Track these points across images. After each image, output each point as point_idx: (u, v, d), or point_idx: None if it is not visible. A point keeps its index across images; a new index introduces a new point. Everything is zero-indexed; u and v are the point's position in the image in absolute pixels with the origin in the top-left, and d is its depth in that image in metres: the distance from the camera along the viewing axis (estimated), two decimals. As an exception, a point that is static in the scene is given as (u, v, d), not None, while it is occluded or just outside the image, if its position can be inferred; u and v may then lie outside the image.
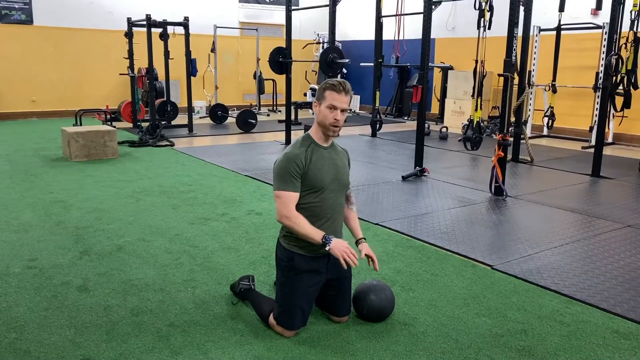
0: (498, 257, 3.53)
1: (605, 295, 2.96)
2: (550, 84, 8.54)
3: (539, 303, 2.88)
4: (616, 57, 6.14)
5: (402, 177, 5.82)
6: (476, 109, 5.88)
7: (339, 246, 2.38)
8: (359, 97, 13.17)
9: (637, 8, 6.55)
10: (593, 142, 7.38)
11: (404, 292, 2.99)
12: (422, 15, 5.92)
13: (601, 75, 7.41)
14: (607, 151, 7.08)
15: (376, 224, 4.22)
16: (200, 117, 11.11)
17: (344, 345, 2.43)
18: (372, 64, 9.23)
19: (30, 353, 2.32)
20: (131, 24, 9.13)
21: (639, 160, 6.48)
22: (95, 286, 3.00)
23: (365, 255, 2.57)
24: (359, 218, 4.31)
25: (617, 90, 6.69)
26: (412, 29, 10.09)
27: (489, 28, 5.65)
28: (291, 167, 2.41)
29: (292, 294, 2.49)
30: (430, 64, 7.42)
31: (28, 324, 2.58)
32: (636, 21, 6.78)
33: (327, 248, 2.38)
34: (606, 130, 7.17)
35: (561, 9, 8.09)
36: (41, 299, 2.84)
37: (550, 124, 8.74)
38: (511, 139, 6.16)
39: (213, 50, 11.41)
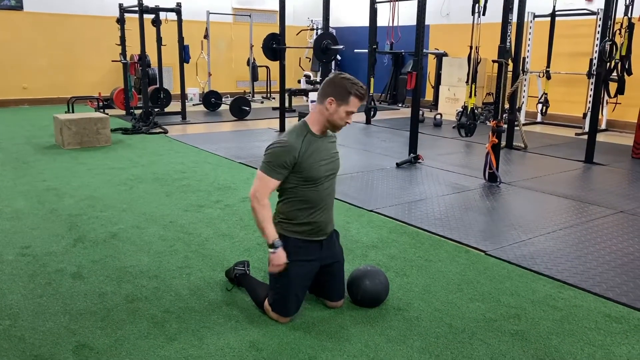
0: (491, 243, 3.55)
1: (598, 280, 2.98)
2: (544, 71, 8.54)
3: (532, 288, 2.90)
4: (610, 43, 6.14)
5: (397, 164, 5.83)
6: (470, 96, 5.88)
7: (276, 259, 2.41)
8: (353, 84, 13.10)
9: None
10: (586, 129, 7.42)
11: (398, 277, 3.00)
12: (416, 1, 5.88)
13: (595, 61, 7.41)
14: (600, 138, 7.11)
15: (370, 210, 4.22)
16: (193, 105, 11.04)
17: (338, 331, 2.44)
18: (367, 51, 9.19)
19: (25, 339, 2.32)
20: (123, 10, 9.02)
21: (632, 146, 6.51)
22: (90, 273, 3.00)
23: None
24: (353, 205, 4.33)
25: (611, 76, 6.70)
26: (407, 15, 10.03)
27: (484, 14, 5.63)
28: (284, 157, 2.38)
29: (287, 281, 2.49)
30: (424, 50, 7.39)
31: (22, 311, 2.57)
32: (630, 7, 6.79)
33: (270, 250, 2.42)
34: (599, 116, 7.19)
35: (556, -5, 8.07)
36: (35, 286, 2.84)
37: (544, 111, 8.76)
38: (505, 126, 6.17)
39: (206, 36, 11.32)
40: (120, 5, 9.07)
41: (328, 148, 2.53)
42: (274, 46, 7.80)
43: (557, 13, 8.37)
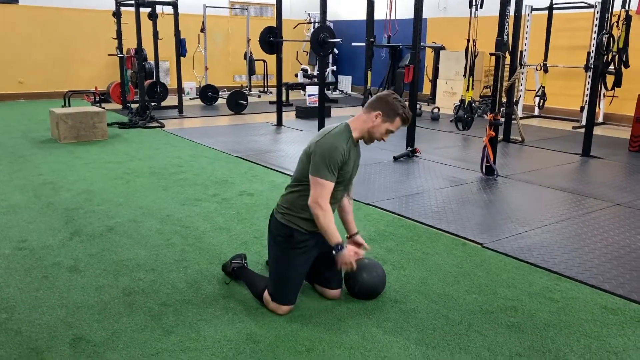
0: (488, 235, 3.56)
1: (594, 272, 2.99)
2: (541, 64, 8.53)
3: (529, 280, 2.91)
4: (607, 36, 6.13)
5: (394, 157, 5.82)
6: (468, 89, 5.87)
7: (345, 257, 2.46)
8: (350, 77, 13.10)
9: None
10: (584, 122, 7.41)
11: (395, 270, 3.01)
12: (413, -7, 5.85)
13: (592, 54, 7.41)
14: (597, 131, 7.12)
15: (368, 204, 4.22)
16: (190, 98, 11.01)
17: (335, 322, 2.44)
18: (364, 44, 9.16)
19: (22, 333, 2.32)
20: (119, 3, 8.97)
21: (629, 139, 6.52)
22: (87, 267, 2.99)
23: (356, 243, 2.72)
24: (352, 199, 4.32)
25: (609, 69, 6.70)
26: (404, 9, 10.00)
27: (481, 7, 5.62)
28: (337, 158, 2.40)
29: (287, 268, 2.51)
30: (422, 43, 7.38)
31: (19, 304, 2.57)
32: (627, 0, 6.77)
33: (334, 253, 2.46)
34: (597, 110, 7.20)
35: (553, -13, 8.05)
36: (32, 279, 2.83)
37: (541, 104, 8.75)
38: (502, 119, 6.17)
39: (203, 30, 11.27)
40: (116, -1, 9.02)
41: (358, 155, 2.62)
42: (271, 40, 7.77)
43: (554, 6, 8.35)
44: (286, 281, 2.50)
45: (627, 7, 6.80)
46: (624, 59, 6.93)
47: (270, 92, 12.14)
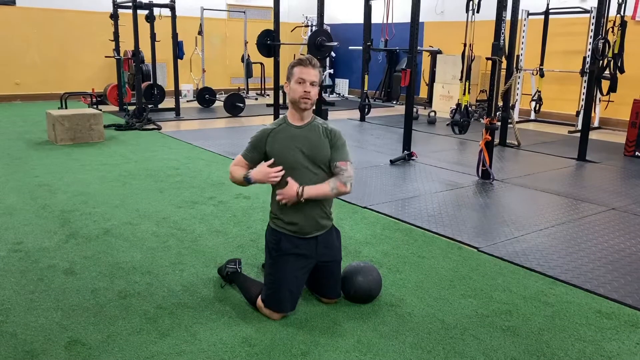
0: (484, 239, 3.57)
1: (589, 277, 3.00)
2: (538, 68, 8.57)
3: (524, 284, 2.92)
4: (603, 41, 6.17)
5: (390, 161, 5.83)
6: (464, 93, 5.89)
7: (259, 173, 2.49)
8: (347, 81, 13.13)
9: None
10: (579, 127, 7.44)
11: (391, 273, 3.01)
12: (410, -2, 5.88)
13: (588, 59, 7.44)
14: (593, 135, 7.14)
15: (364, 207, 4.23)
16: (187, 101, 11.01)
17: (331, 326, 2.44)
18: (361, 48, 9.19)
19: (17, 336, 2.32)
20: (116, 5, 8.98)
21: (624, 144, 6.55)
22: (82, 269, 2.99)
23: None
24: (347, 202, 4.33)
25: (604, 74, 6.74)
26: (401, 13, 10.04)
27: (478, 12, 5.65)
28: (254, 141, 2.58)
29: (280, 275, 2.49)
30: (419, 47, 7.40)
31: (14, 307, 2.56)
32: (623, 5, 6.82)
33: (251, 181, 2.51)
34: (592, 114, 7.22)
35: (549, -8, 8.10)
36: (27, 282, 2.82)
37: (537, 108, 8.79)
38: (498, 123, 6.19)
39: (200, 32, 11.26)
40: (114, 1, 9.02)
41: (307, 137, 2.51)
42: (269, 43, 7.78)
43: (551, 11, 8.40)
44: (278, 288, 2.48)
45: (622, 13, 6.85)
46: (619, 64, 6.98)
47: (268, 95, 12.15)
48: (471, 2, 5.61)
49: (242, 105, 9.34)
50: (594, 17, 7.34)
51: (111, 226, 3.68)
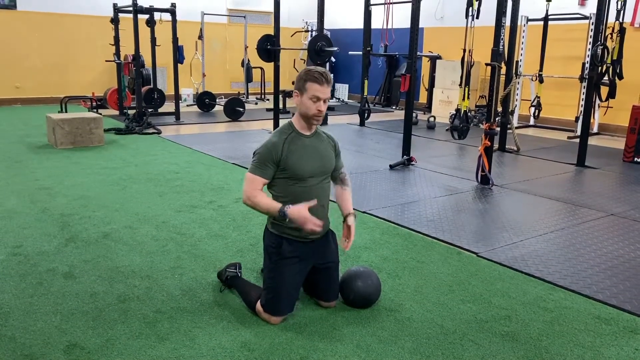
0: (483, 244, 3.57)
1: (588, 282, 3.01)
2: (537, 74, 8.59)
3: (523, 290, 2.92)
4: (602, 47, 6.19)
5: (390, 165, 5.84)
6: (464, 99, 5.91)
7: (296, 212, 2.34)
8: (347, 86, 13.15)
9: (623, -1, 6.60)
10: (578, 132, 7.46)
11: (390, 278, 3.02)
12: (410, 4, 5.91)
13: (587, 65, 7.47)
14: (592, 141, 7.16)
15: (363, 212, 4.23)
16: (187, 105, 11.02)
17: (330, 331, 2.45)
18: (361, 53, 9.21)
19: (16, 339, 2.31)
20: (117, 9, 9.00)
21: (623, 150, 6.56)
22: (81, 273, 2.99)
23: (346, 225, 2.59)
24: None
25: (603, 80, 6.76)
26: (401, 18, 10.07)
27: (477, 17, 5.66)
28: (267, 155, 2.44)
29: (280, 279, 2.50)
30: (418, 53, 7.42)
31: (13, 310, 2.56)
32: (622, 12, 6.85)
33: (287, 219, 2.37)
34: (591, 120, 7.24)
35: (549, -1, 8.12)
36: (26, 285, 2.82)
37: (536, 114, 8.81)
38: (498, 129, 6.21)
39: (200, 37, 11.30)
40: (115, 5, 9.05)
41: (316, 147, 2.54)
42: (269, 47, 7.80)
43: (550, 17, 8.43)
44: (278, 292, 2.49)
45: (621, 19, 6.87)
46: (618, 71, 7.00)
47: (267, 100, 12.17)
48: (471, 8, 5.62)
49: (242, 109, 9.36)
50: (593, 23, 7.37)
51: (111, 230, 3.69)
